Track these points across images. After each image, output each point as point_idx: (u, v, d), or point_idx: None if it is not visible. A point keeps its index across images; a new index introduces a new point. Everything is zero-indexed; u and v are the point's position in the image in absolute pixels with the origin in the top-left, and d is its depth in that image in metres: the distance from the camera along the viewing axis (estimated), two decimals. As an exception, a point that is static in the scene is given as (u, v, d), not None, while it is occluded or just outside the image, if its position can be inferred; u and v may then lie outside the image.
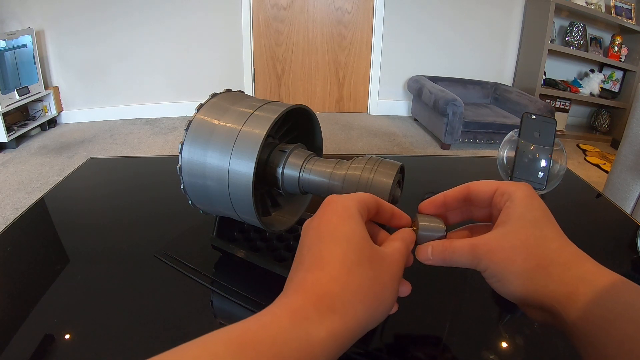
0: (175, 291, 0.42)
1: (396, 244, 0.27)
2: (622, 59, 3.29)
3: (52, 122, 3.01)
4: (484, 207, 0.31)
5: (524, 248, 0.26)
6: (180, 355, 0.19)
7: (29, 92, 2.71)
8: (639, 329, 0.21)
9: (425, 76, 3.22)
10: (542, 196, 0.66)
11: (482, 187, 0.31)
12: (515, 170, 0.63)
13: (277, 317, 0.21)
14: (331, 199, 0.27)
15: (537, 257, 0.25)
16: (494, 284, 0.27)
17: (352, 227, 0.25)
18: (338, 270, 0.23)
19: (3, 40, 2.56)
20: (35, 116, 2.85)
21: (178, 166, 0.39)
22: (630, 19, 3.21)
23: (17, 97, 2.60)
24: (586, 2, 3.14)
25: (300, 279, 0.24)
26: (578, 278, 0.24)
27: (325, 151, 0.48)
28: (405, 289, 0.28)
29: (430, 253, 0.29)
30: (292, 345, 0.20)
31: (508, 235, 0.27)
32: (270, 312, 0.21)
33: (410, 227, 0.31)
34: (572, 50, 3.20)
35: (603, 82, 3.38)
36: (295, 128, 0.44)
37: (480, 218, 0.32)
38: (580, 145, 3.19)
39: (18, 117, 2.75)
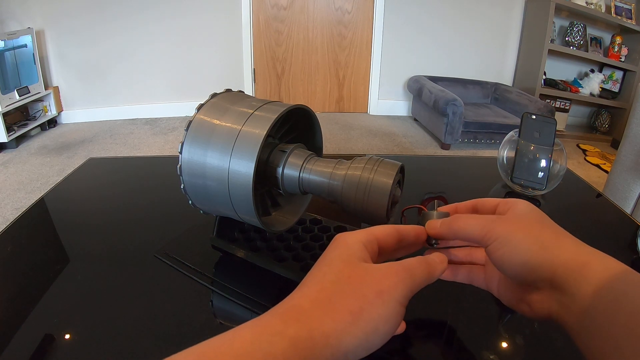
0: (175, 291, 0.42)
1: (393, 263, 0.26)
2: (622, 59, 3.29)
3: (52, 122, 3.01)
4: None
5: (539, 223, 0.27)
6: None
7: (29, 92, 2.71)
8: None
9: (425, 76, 3.22)
10: (542, 196, 0.66)
11: (488, 200, 0.32)
12: (515, 170, 0.63)
13: (238, 332, 0.21)
14: (336, 237, 0.27)
15: (552, 231, 0.27)
16: (502, 255, 0.26)
17: (339, 252, 0.26)
18: (311, 288, 0.24)
19: (3, 40, 2.56)
20: (35, 116, 2.85)
21: (178, 166, 0.39)
22: (630, 19, 3.21)
23: (17, 97, 2.60)
24: (586, 2, 3.14)
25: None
26: (590, 253, 0.25)
27: (325, 151, 0.48)
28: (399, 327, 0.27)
29: (439, 224, 0.30)
30: (256, 355, 0.20)
31: (523, 214, 0.28)
32: (233, 330, 0.22)
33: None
34: (572, 50, 3.20)
35: (603, 82, 3.38)
36: (295, 128, 0.44)
37: None
38: (580, 145, 3.19)
39: (18, 117, 2.75)
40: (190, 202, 0.42)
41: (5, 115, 2.49)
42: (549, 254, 0.25)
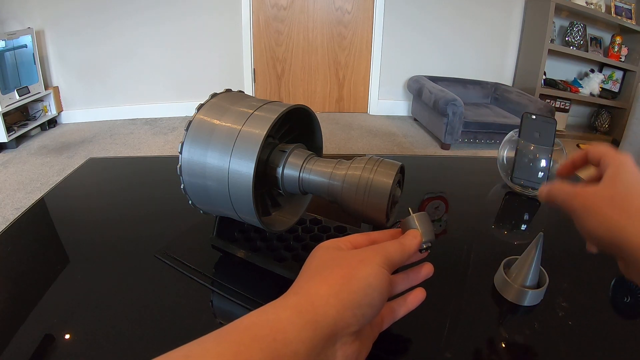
0: (175, 291, 0.42)
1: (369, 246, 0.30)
2: (622, 59, 3.29)
3: (52, 122, 3.01)
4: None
5: (611, 201, 0.28)
6: (179, 349, 0.21)
7: (29, 92, 2.71)
8: None
9: (425, 76, 3.22)
10: (542, 196, 0.66)
11: (596, 151, 0.33)
12: (515, 170, 0.63)
13: (248, 314, 0.24)
14: (317, 246, 0.30)
15: (619, 212, 0.27)
16: (579, 227, 0.29)
17: (316, 250, 0.29)
18: (301, 276, 0.28)
19: (3, 40, 2.56)
20: (35, 116, 2.85)
21: (178, 166, 0.39)
22: (630, 19, 3.21)
23: (17, 97, 2.60)
24: (586, 2, 3.13)
25: None
26: None
27: (325, 151, 0.48)
28: (428, 270, 0.32)
29: (545, 190, 0.33)
30: (267, 325, 0.23)
31: (604, 189, 0.29)
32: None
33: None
34: (572, 50, 3.19)
35: (603, 82, 3.38)
36: (295, 128, 0.44)
37: None
38: (580, 145, 3.19)
39: (18, 117, 2.74)
40: (190, 202, 0.42)
41: (5, 115, 2.49)
42: (617, 239, 0.26)
